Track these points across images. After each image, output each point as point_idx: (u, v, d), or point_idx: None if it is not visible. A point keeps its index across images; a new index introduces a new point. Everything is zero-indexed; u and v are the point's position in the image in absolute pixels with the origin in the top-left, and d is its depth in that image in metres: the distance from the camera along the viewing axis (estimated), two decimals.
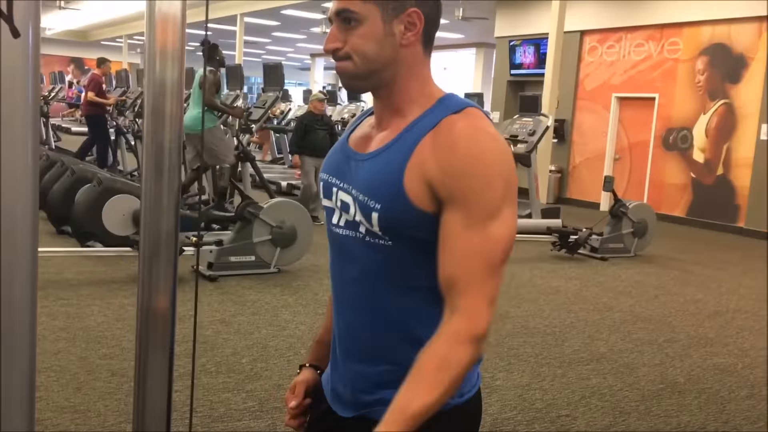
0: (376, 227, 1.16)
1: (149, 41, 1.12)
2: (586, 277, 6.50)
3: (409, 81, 1.20)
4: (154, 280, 1.17)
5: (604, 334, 4.77)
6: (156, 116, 1.14)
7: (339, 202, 1.24)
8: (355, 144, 1.27)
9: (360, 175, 1.20)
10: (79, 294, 4.91)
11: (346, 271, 1.25)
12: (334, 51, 1.19)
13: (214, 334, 4.25)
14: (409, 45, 1.19)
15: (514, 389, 3.70)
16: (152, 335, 1.18)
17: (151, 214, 1.15)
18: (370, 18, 1.16)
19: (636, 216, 7.56)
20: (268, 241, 5.73)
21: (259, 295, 5.16)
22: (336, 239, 1.26)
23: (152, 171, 1.15)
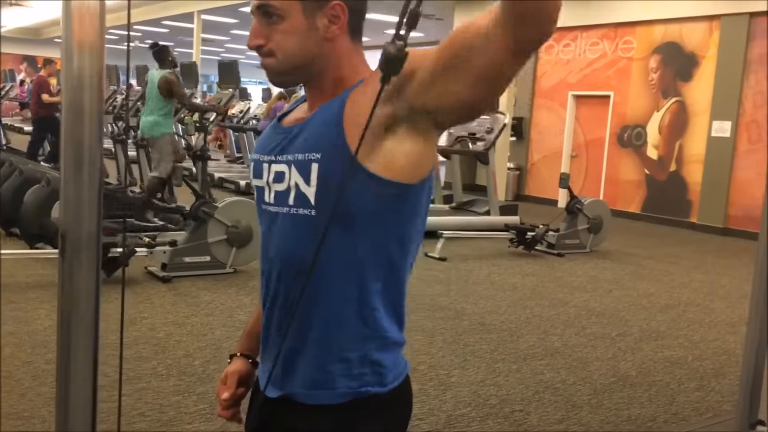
0: (314, 183, 1.12)
1: (66, 34, 1.08)
2: (542, 273, 6.56)
3: (340, 70, 1.19)
4: (75, 284, 1.12)
5: (558, 329, 4.82)
6: (74, 112, 1.10)
7: (272, 175, 1.20)
8: (288, 123, 1.26)
9: (297, 139, 1.18)
10: (26, 297, 4.78)
11: (268, 247, 1.23)
12: (257, 48, 1.17)
13: (166, 336, 4.17)
14: (334, 38, 1.17)
15: (469, 386, 3.71)
16: (74, 343, 1.13)
17: (70, 214, 1.11)
18: (291, 13, 1.14)
19: (591, 212, 7.66)
20: (223, 241, 5.66)
21: (213, 295, 5.09)
22: (266, 217, 1.24)
23: (71, 169, 1.10)
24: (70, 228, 1.12)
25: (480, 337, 4.53)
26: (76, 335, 1.14)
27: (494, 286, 5.94)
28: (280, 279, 1.21)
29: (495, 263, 6.87)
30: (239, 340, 1.43)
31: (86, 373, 1.16)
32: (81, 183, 1.11)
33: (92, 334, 1.16)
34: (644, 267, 7.20)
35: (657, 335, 4.84)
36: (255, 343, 1.39)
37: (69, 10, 1.08)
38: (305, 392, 1.18)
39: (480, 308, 5.22)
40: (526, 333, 4.69)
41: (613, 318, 5.19)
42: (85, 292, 1.14)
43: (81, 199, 1.11)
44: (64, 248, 1.13)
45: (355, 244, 1.14)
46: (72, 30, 1.09)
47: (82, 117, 1.10)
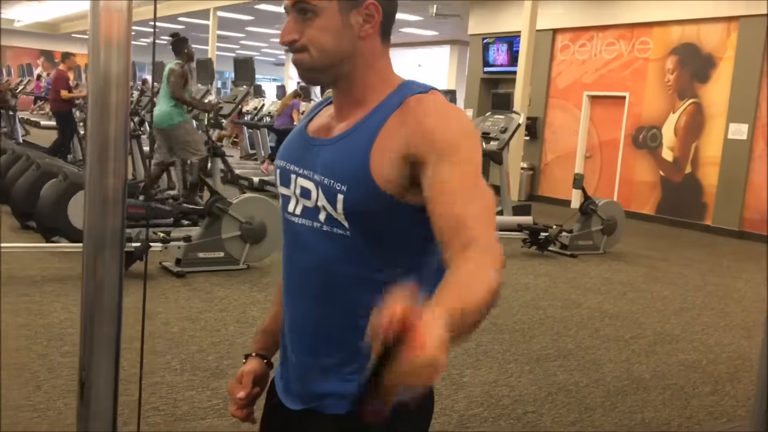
0: (340, 210, 1.14)
1: (93, 31, 1.09)
2: (555, 274, 6.54)
3: (369, 73, 1.19)
4: (98, 277, 1.13)
5: (571, 331, 4.80)
6: (101, 108, 1.11)
7: (298, 189, 1.21)
8: (314, 132, 1.25)
9: (323, 159, 1.18)
10: (42, 290, 4.82)
11: (300, 261, 1.23)
12: (290, 43, 1.17)
13: (180, 332, 4.19)
14: (367, 37, 1.18)
15: (482, 386, 3.70)
16: (97, 335, 1.15)
17: (95, 208, 1.12)
18: (327, 10, 1.14)
19: (605, 213, 7.62)
20: (237, 237, 5.68)
21: (227, 291, 5.11)
22: (291, 228, 1.24)
23: (96, 164, 1.11)
24: (94, 221, 1.13)
25: (492, 337, 4.52)
26: (99, 328, 1.15)
27: (507, 287, 5.92)
28: (307, 293, 1.22)
29: (508, 263, 6.82)
30: (254, 337, 1.43)
31: (108, 366, 1.17)
32: (107, 177, 1.12)
33: (115, 328, 1.18)
34: (658, 269, 7.16)
35: (671, 338, 4.81)
36: (270, 341, 1.40)
37: (97, 7, 1.09)
38: (332, 402, 1.18)
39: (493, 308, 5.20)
40: (538, 334, 4.68)
41: (626, 320, 5.17)
42: (109, 286, 1.15)
43: (106, 193, 1.13)
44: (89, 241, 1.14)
45: (385, 258, 1.15)
46: (99, 27, 1.10)
47: (108, 113, 1.11)
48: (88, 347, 1.15)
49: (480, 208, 1.06)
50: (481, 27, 13.70)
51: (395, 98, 1.16)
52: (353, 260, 1.16)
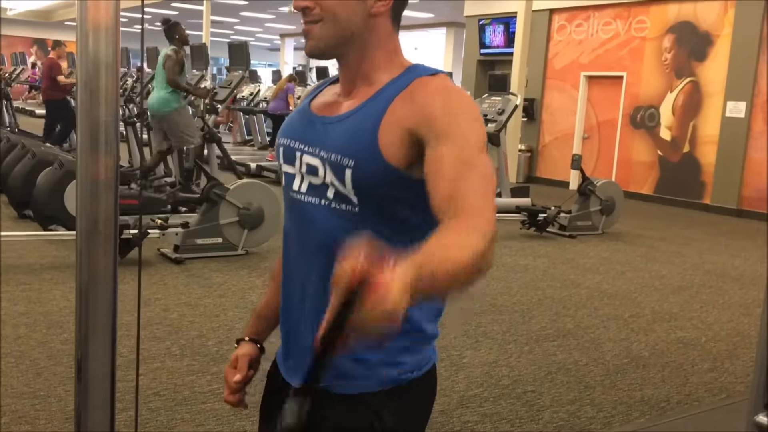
0: (349, 186, 1.13)
1: (81, 16, 1.08)
2: (554, 255, 6.55)
3: (378, 51, 1.19)
4: (92, 263, 1.12)
5: (570, 311, 4.81)
6: (90, 92, 1.10)
7: (304, 167, 1.20)
8: (319, 110, 1.24)
9: (331, 136, 1.17)
10: (41, 278, 4.81)
11: (307, 239, 1.21)
12: (303, 9, 1.16)
13: (180, 317, 4.20)
14: (378, 15, 1.17)
15: (481, 366, 3.71)
16: (93, 321, 1.14)
17: (87, 193, 1.11)
18: None
19: (603, 194, 7.62)
20: (235, 223, 5.67)
21: (226, 277, 5.11)
22: (296, 206, 1.23)
23: (87, 148, 1.10)
24: (86, 206, 1.12)
25: (492, 318, 4.53)
26: (94, 314, 1.15)
27: (506, 268, 5.93)
28: (312, 272, 1.20)
29: (506, 245, 6.85)
30: (248, 322, 1.43)
31: (105, 351, 1.17)
32: (98, 162, 1.11)
33: (110, 313, 1.17)
34: (657, 249, 7.17)
35: (670, 317, 4.82)
36: (263, 325, 1.40)
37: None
38: (342, 383, 1.17)
39: (492, 289, 5.22)
40: (538, 314, 4.69)
41: (625, 299, 5.18)
42: (103, 272, 1.14)
43: (97, 177, 1.11)
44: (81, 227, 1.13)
45: (399, 236, 1.14)
46: (87, 11, 1.08)
47: (98, 98, 1.10)
48: (83, 333, 1.15)
49: (475, 183, 1.05)
50: (477, 8, 13.61)
51: (402, 79, 1.16)
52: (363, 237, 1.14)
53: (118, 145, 1.14)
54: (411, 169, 1.12)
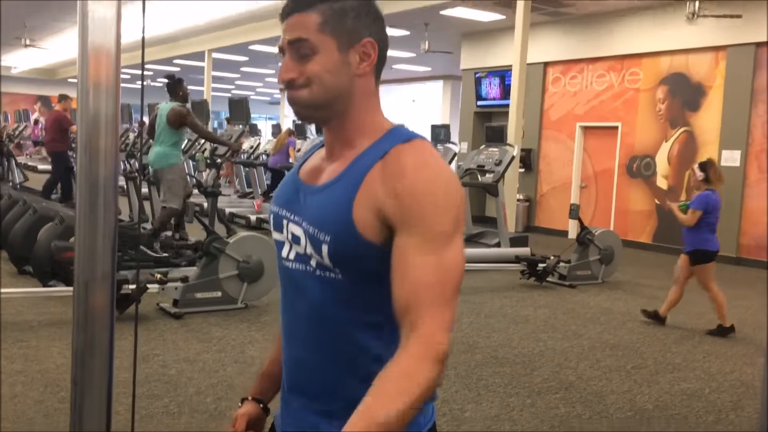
0: (327, 260, 1.15)
1: (82, 75, 1.11)
2: (554, 305, 6.52)
3: (362, 112, 1.20)
4: (89, 321, 1.13)
5: (572, 362, 4.77)
6: (90, 152, 1.12)
7: (290, 235, 1.22)
8: (305, 176, 1.26)
9: (310, 207, 1.19)
10: (38, 336, 4.78)
11: (297, 305, 1.23)
12: (289, 81, 1.18)
13: (178, 374, 4.15)
14: (363, 75, 1.19)
15: (483, 421, 3.66)
16: (88, 381, 1.14)
17: (85, 253, 1.12)
18: (326, 48, 1.16)
19: (602, 243, 7.63)
20: (234, 276, 5.67)
21: (225, 331, 5.08)
22: (286, 273, 1.25)
23: (86, 209, 1.12)
24: (84, 266, 1.13)
25: (493, 370, 4.49)
26: (90, 373, 1.14)
27: (506, 319, 5.90)
28: (304, 337, 1.22)
29: (507, 295, 6.83)
30: (254, 381, 1.43)
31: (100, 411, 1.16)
32: (96, 222, 1.12)
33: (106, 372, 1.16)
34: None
35: (673, 367, 4.77)
36: (268, 385, 1.40)
37: (85, 50, 1.11)
38: None
39: (493, 341, 5.18)
40: (539, 366, 4.65)
41: (627, 350, 5.14)
42: (100, 329, 1.15)
43: (96, 237, 1.13)
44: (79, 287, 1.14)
45: (379, 301, 1.15)
46: (88, 70, 1.11)
47: (98, 158, 1.12)
48: (79, 392, 1.14)
49: (432, 288, 1.07)
50: (472, 62, 13.86)
51: (379, 147, 1.17)
52: (348, 303, 1.16)
53: (116, 203, 1.16)
54: (387, 244, 1.12)
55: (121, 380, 3.50)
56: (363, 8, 1.19)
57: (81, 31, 1.12)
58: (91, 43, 1.10)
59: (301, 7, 1.16)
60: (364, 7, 1.19)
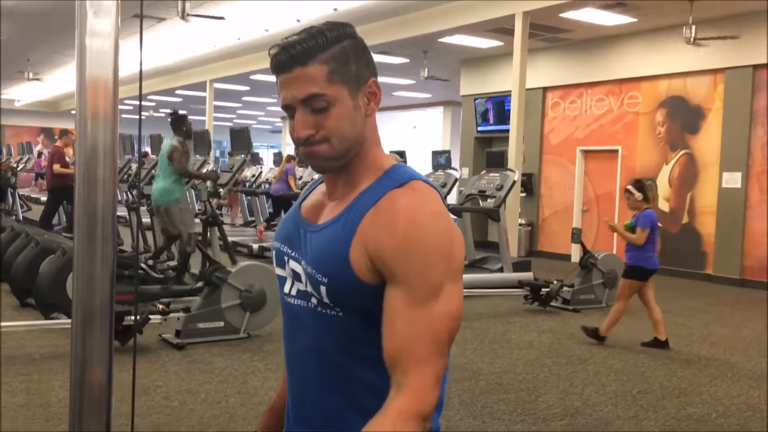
0: (326, 299, 1.15)
1: (80, 106, 1.12)
2: (558, 330, 6.48)
3: (370, 149, 1.20)
4: (87, 355, 1.12)
5: (578, 388, 4.72)
6: (89, 183, 1.12)
7: (291, 271, 1.23)
8: (306, 213, 1.26)
9: (309, 247, 1.19)
10: (40, 369, 4.76)
11: (299, 340, 1.24)
12: (306, 138, 1.15)
13: (180, 405, 4.12)
14: (371, 114, 1.20)
15: None
16: (87, 414, 1.13)
17: (83, 284, 1.12)
18: (340, 98, 1.14)
19: (605, 267, 7.61)
20: (237, 306, 5.65)
21: (227, 361, 5.05)
22: (288, 308, 1.25)
23: (85, 239, 1.12)
24: (82, 298, 1.13)
25: (498, 397, 4.45)
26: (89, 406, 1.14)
27: (510, 345, 5.86)
28: (306, 371, 1.22)
29: (510, 321, 6.80)
30: (263, 416, 1.45)
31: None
32: (94, 253, 1.13)
33: (105, 405, 1.16)
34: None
35: (679, 392, 4.73)
36: (275, 419, 1.42)
37: (83, 82, 1.12)
38: None
39: (497, 368, 5.15)
40: (544, 392, 4.61)
41: (633, 375, 5.10)
42: (98, 362, 1.14)
43: (94, 268, 1.13)
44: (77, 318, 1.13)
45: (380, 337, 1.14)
46: (86, 101, 1.12)
47: (96, 188, 1.13)
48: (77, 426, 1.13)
49: (420, 342, 1.06)
50: (472, 88, 13.96)
51: (376, 190, 1.16)
52: (349, 339, 1.17)
53: (114, 234, 1.16)
54: (383, 285, 1.12)
55: (123, 412, 3.48)
56: (359, 48, 1.18)
57: (79, 64, 1.14)
58: (89, 75, 1.11)
59: (302, 60, 1.13)
60: (359, 47, 1.18)
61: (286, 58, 1.14)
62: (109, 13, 1.12)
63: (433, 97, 19.13)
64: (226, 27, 12.01)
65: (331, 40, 1.14)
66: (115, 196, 1.16)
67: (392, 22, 11.31)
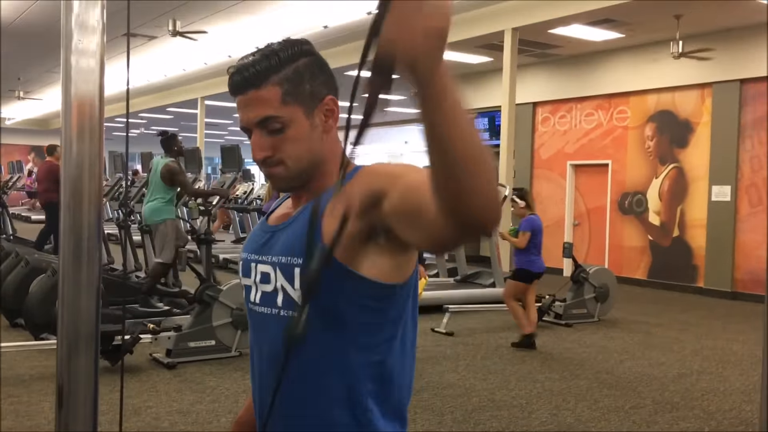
0: (297, 287, 1.14)
1: (65, 124, 1.12)
2: (551, 345, 6.47)
3: (331, 164, 1.21)
4: (72, 376, 1.11)
5: (570, 404, 4.71)
6: (74, 202, 1.12)
7: (258, 276, 1.22)
8: (273, 221, 1.28)
9: (280, 240, 1.20)
10: (30, 390, 4.71)
11: (263, 349, 1.23)
12: (263, 159, 1.17)
13: (171, 426, 4.09)
14: (330, 130, 1.20)
15: None
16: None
17: (69, 304, 1.11)
18: (295, 119, 1.15)
19: (597, 281, 7.62)
20: (228, 324, 5.62)
21: (219, 380, 5.01)
22: (253, 317, 1.25)
23: (70, 257, 1.12)
24: (67, 318, 1.12)
25: (491, 414, 4.43)
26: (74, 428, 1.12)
27: (503, 360, 5.85)
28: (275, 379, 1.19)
29: (503, 336, 6.78)
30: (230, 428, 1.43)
31: None
32: (80, 273, 1.12)
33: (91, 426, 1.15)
34: (654, 335, 7.10)
35: (671, 407, 4.72)
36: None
37: (69, 100, 1.12)
38: None
39: (490, 384, 5.13)
40: (537, 408, 4.59)
41: (625, 390, 5.09)
42: (84, 382, 1.13)
43: (80, 289, 1.12)
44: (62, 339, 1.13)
45: (346, 346, 1.14)
46: (71, 118, 1.12)
47: (81, 205, 1.12)
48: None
49: None
50: None
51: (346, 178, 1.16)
52: (313, 344, 1.14)
53: (100, 252, 1.16)
54: (358, 263, 1.10)
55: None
56: (315, 65, 1.19)
57: (64, 82, 1.14)
58: (75, 94, 1.12)
59: (256, 83, 1.14)
60: (315, 64, 1.19)
61: (240, 80, 1.15)
62: (94, 31, 1.12)
63: None
64: (216, 44, 12.05)
65: (284, 60, 1.15)
66: (101, 215, 1.16)
67: None
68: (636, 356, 6.11)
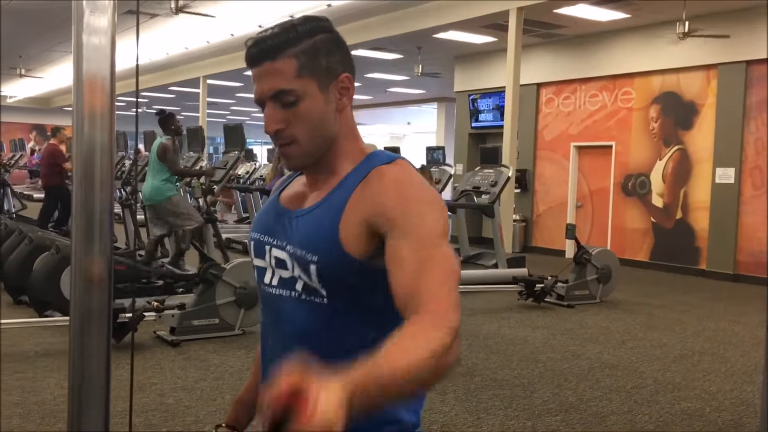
0: (315, 280, 1.14)
1: (77, 103, 1.11)
2: (553, 326, 6.50)
3: (346, 141, 1.21)
4: (86, 354, 1.12)
5: (572, 383, 4.74)
6: (86, 181, 1.12)
7: (273, 260, 1.22)
8: (287, 202, 1.27)
9: (296, 230, 1.19)
10: (35, 366, 4.74)
11: (279, 332, 1.23)
12: (276, 132, 1.17)
13: (176, 402, 4.12)
14: (344, 109, 1.20)
15: None
16: (86, 411, 1.13)
17: (81, 283, 1.12)
18: (309, 92, 1.15)
19: (599, 262, 7.63)
20: (232, 303, 5.64)
21: (223, 358, 5.05)
22: (268, 299, 1.24)
23: (83, 238, 1.12)
24: (80, 297, 1.12)
25: (493, 393, 4.46)
26: (87, 405, 1.13)
27: (505, 340, 5.87)
28: None
29: (505, 317, 6.81)
30: (229, 408, 1.43)
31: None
32: (92, 252, 1.12)
33: (103, 403, 1.16)
34: (656, 316, 7.12)
35: (673, 387, 4.75)
36: (242, 412, 1.41)
37: (80, 79, 1.11)
38: None
39: (492, 363, 5.16)
40: (539, 388, 4.62)
41: (627, 370, 5.12)
42: (97, 361, 1.14)
43: (91, 267, 1.12)
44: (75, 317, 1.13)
45: (363, 327, 1.15)
46: (83, 98, 1.12)
47: (93, 187, 1.12)
48: (76, 424, 1.13)
49: (435, 277, 1.05)
50: (466, 84, 13.96)
51: (361, 169, 1.18)
52: (333, 328, 1.16)
53: (111, 232, 1.16)
54: (374, 260, 1.12)
55: (118, 410, 3.47)
56: (332, 42, 1.18)
57: (76, 61, 1.13)
58: (86, 73, 1.11)
59: (272, 55, 1.14)
60: (333, 41, 1.19)
61: (257, 53, 1.15)
62: (105, 10, 1.12)
63: (428, 93, 19.12)
64: (219, 23, 11.97)
65: (302, 34, 1.15)
66: (112, 194, 1.16)
67: (386, 18, 11.29)
68: (638, 337, 6.14)
